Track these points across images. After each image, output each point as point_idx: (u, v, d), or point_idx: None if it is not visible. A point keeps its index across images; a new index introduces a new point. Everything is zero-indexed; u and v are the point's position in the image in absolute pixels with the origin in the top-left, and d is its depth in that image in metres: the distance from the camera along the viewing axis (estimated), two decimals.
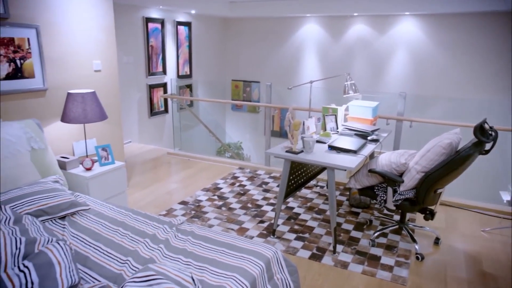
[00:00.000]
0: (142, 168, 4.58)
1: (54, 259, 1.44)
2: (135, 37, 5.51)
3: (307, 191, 3.90)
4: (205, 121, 6.38)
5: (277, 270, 1.83)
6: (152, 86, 5.90)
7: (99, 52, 3.32)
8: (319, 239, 2.95)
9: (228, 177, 4.28)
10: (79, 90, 2.95)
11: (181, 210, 3.40)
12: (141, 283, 1.36)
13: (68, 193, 2.28)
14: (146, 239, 1.86)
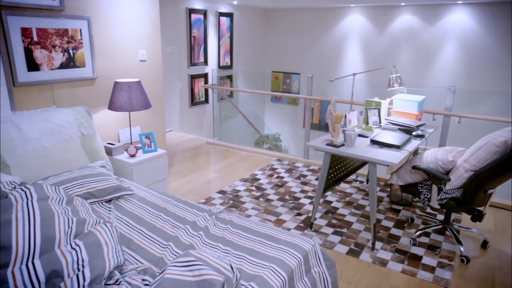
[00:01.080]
0: (182, 156, 4.70)
1: (102, 239, 1.51)
2: (178, 28, 5.61)
3: (346, 186, 3.83)
4: (245, 112, 6.42)
5: (315, 263, 1.82)
6: (194, 77, 6.01)
7: (145, 43, 3.41)
8: (357, 235, 2.89)
9: (266, 168, 4.29)
10: (125, 79, 3.06)
11: (219, 199, 3.46)
12: (182, 267, 1.40)
13: (114, 178, 2.38)
14: (187, 225, 1.91)
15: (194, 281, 1.35)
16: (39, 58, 2.65)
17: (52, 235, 1.48)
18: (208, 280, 1.33)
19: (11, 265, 1.32)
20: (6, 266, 1.31)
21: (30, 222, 1.52)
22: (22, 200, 1.67)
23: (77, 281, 1.26)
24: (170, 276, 1.36)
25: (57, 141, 2.47)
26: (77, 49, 2.88)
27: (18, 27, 2.50)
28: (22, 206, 1.60)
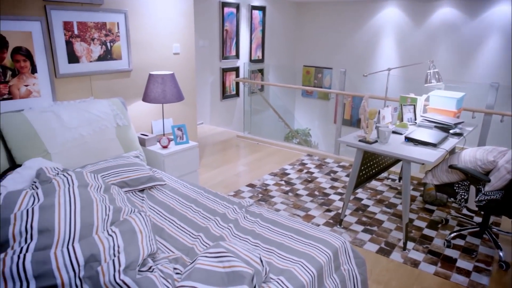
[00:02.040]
0: (212, 149, 4.75)
1: (136, 227, 1.56)
2: (211, 21, 5.65)
3: (378, 183, 3.75)
4: (275, 106, 6.40)
5: (345, 260, 1.80)
6: (225, 70, 6.04)
7: (178, 36, 3.46)
8: (388, 234, 2.82)
9: (296, 163, 4.26)
10: (159, 72, 3.12)
11: (248, 193, 3.48)
12: (212, 258, 1.42)
13: (147, 168, 2.44)
14: (217, 217, 1.93)
15: (224, 272, 1.36)
16: (79, 50, 2.75)
17: (90, 221, 1.54)
18: (238, 272, 1.35)
19: (53, 246, 1.38)
20: (49, 247, 1.38)
21: (71, 207, 1.59)
22: (64, 186, 1.75)
23: (113, 266, 1.31)
24: (201, 266, 1.38)
25: (94, 131, 2.56)
26: (114, 42, 2.96)
27: (60, 20, 2.60)
28: (64, 192, 1.68)
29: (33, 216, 1.49)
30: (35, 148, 2.27)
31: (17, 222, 1.45)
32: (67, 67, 2.70)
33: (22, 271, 1.22)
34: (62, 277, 1.26)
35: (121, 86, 3.08)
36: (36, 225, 1.45)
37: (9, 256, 1.28)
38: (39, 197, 1.67)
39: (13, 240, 1.38)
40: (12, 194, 1.65)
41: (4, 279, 1.20)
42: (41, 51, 2.54)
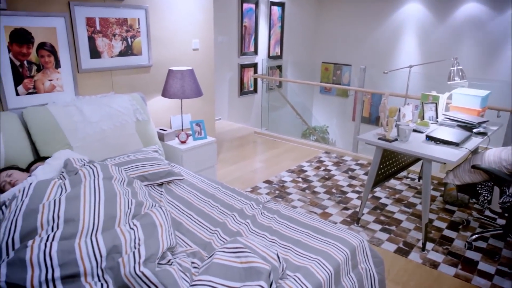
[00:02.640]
0: (229, 145, 4.77)
1: (157, 221, 1.58)
2: (230, 17, 5.65)
3: (396, 182, 3.69)
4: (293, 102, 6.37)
5: (362, 259, 1.78)
6: (243, 66, 6.04)
7: (198, 32, 3.47)
8: (406, 234, 2.78)
9: (314, 160, 4.24)
10: (178, 67, 3.14)
11: (265, 189, 3.48)
12: (230, 253, 1.43)
13: (165, 163, 2.46)
14: (234, 213, 1.94)
15: (241, 267, 1.37)
16: (100, 46, 2.79)
17: (113, 213, 1.58)
18: (255, 267, 1.35)
19: (78, 236, 1.42)
20: (74, 237, 1.41)
21: (96, 199, 1.63)
22: (90, 177, 1.79)
23: (133, 258, 1.33)
24: (218, 261, 1.39)
25: (115, 125, 2.60)
26: (134, 38, 2.99)
27: (83, 16, 2.65)
28: (89, 183, 1.72)
29: (60, 206, 1.53)
30: (58, 141, 2.33)
31: (45, 211, 1.50)
32: (89, 62, 2.75)
33: (48, 259, 1.26)
34: (85, 266, 1.30)
35: (141, 82, 3.12)
36: (63, 215, 1.49)
37: (36, 243, 1.32)
38: (66, 187, 1.72)
39: (41, 228, 1.43)
40: (41, 184, 1.71)
41: (32, 265, 1.23)
42: (65, 46, 2.59)
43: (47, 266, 1.24)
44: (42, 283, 1.20)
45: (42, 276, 1.21)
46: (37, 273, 1.22)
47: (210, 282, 1.31)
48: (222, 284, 1.31)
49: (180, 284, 1.29)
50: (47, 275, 1.22)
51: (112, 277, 1.31)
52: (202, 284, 1.30)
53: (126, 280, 1.29)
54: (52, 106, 2.45)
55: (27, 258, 1.25)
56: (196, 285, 1.30)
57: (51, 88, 2.59)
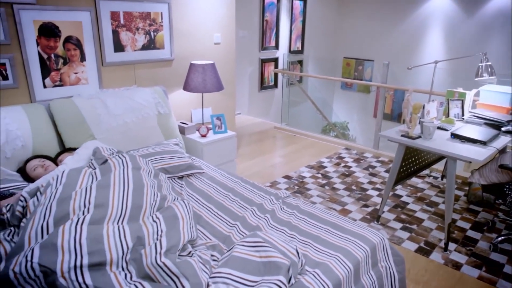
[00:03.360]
0: (249, 139, 4.77)
1: (179, 213, 1.61)
2: (252, 12, 5.63)
3: (419, 180, 3.61)
4: (313, 98, 6.31)
5: (382, 257, 1.75)
6: (264, 61, 6.02)
7: (220, 26, 3.48)
8: (428, 233, 2.72)
9: (334, 156, 4.20)
10: (200, 61, 3.16)
11: (284, 184, 3.47)
12: (250, 247, 1.43)
13: (186, 156, 2.49)
14: (253, 207, 1.94)
15: (260, 261, 1.37)
16: (124, 40, 2.84)
17: (140, 203, 1.62)
18: (274, 262, 1.35)
19: (106, 221, 1.47)
20: (102, 222, 1.46)
21: (125, 188, 1.68)
22: (119, 167, 1.84)
23: (155, 249, 1.36)
24: (238, 255, 1.40)
25: (137, 118, 2.64)
26: (157, 32, 3.02)
27: (108, 10, 2.69)
28: (119, 173, 1.77)
29: (91, 193, 1.59)
30: (82, 133, 2.38)
31: (77, 198, 1.56)
32: (113, 55, 2.80)
33: (78, 246, 1.30)
34: (112, 255, 1.33)
35: (163, 75, 3.15)
36: (93, 201, 1.55)
37: (67, 227, 1.37)
38: (96, 176, 1.77)
39: (73, 213, 1.48)
40: (73, 172, 1.77)
41: (62, 250, 1.28)
42: (90, 40, 2.64)
43: (76, 252, 1.28)
44: (71, 269, 1.24)
45: (71, 262, 1.25)
46: (67, 258, 1.26)
47: (229, 275, 1.32)
48: (241, 277, 1.32)
49: (200, 275, 1.30)
50: (76, 261, 1.26)
51: (135, 267, 1.34)
52: (221, 277, 1.31)
53: (148, 270, 1.31)
54: (77, 98, 2.50)
55: (58, 243, 1.30)
56: (216, 277, 1.32)
57: (76, 81, 2.65)
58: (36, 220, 1.45)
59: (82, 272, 1.25)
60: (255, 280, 1.31)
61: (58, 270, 1.23)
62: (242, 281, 1.31)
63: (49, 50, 2.47)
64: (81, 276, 1.24)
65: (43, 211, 1.49)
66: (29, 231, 1.40)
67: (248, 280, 1.31)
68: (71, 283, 1.22)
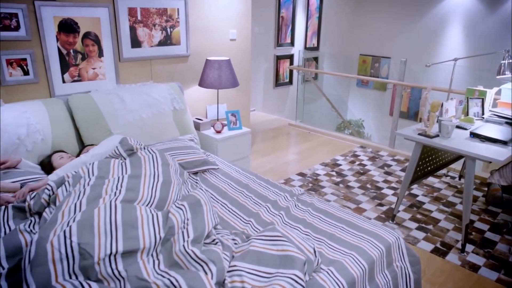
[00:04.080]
0: (263, 136, 4.77)
1: (202, 200, 1.65)
2: (267, 8, 5.60)
3: (435, 180, 3.55)
4: (328, 95, 6.25)
5: (397, 257, 1.73)
6: (279, 57, 6.00)
7: (235, 22, 3.47)
8: (444, 234, 2.68)
9: (348, 154, 4.16)
10: (216, 57, 3.16)
11: (298, 181, 3.46)
12: (267, 241, 1.44)
13: (201, 152, 2.50)
14: (268, 204, 1.94)
15: (276, 254, 1.38)
16: (141, 35, 2.86)
17: (166, 197, 1.67)
18: (290, 256, 1.35)
19: (137, 202, 1.54)
20: (134, 201, 1.54)
21: (154, 181, 1.73)
22: (149, 162, 1.89)
23: (182, 237, 1.40)
24: (255, 249, 1.42)
25: (153, 114, 2.67)
26: (174, 28, 3.04)
27: (126, 7, 2.72)
28: (150, 167, 1.83)
29: (123, 181, 1.66)
30: (99, 128, 2.42)
31: (110, 183, 1.62)
32: (130, 51, 2.83)
33: (114, 229, 1.35)
34: (145, 243, 1.36)
35: (178, 71, 3.17)
36: (125, 185, 1.63)
37: (102, 206, 1.42)
38: (127, 167, 1.82)
39: (105, 193, 1.55)
40: (104, 161, 1.83)
41: (99, 233, 1.31)
42: (108, 36, 2.68)
43: (112, 235, 1.32)
44: (106, 256, 1.27)
45: (107, 248, 1.28)
46: (103, 241, 1.30)
47: (245, 268, 1.34)
48: (257, 269, 1.34)
49: (224, 264, 1.35)
50: (111, 247, 1.29)
51: (165, 255, 1.37)
52: (236, 270, 1.33)
53: (176, 258, 1.35)
54: (95, 93, 2.54)
55: (95, 223, 1.34)
56: (231, 271, 1.33)
57: (94, 76, 2.69)
58: (71, 200, 1.52)
59: (115, 258, 1.28)
60: (270, 272, 1.33)
61: (95, 255, 1.25)
62: (257, 273, 1.33)
63: (68, 45, 2.51)
64: (114, 263, 1.27)
65: (77, 193, 1.56)
66: (63, 209, 1.46)
67: (263, 272, 1.33)
68: (104, 269, 1.25)
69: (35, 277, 1.20)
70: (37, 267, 1.21)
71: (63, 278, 1.22)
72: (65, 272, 1.23)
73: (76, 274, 1.24)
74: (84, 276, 1.24)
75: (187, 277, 1.24)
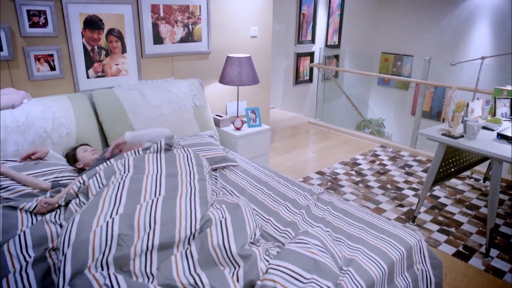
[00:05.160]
0: (282, 134, 4.75)
1: (240, 203, 1.64)
2: (289, 5, 5.57)
3: (458, 182, 3.46)
4: (349, 93, 6.17)
5: (418, 260, 1.70)
6: (300, 55, 5.96)
7: (257, 19, 3.47)
8: (467, 237, 2.61)
9: (368, 154, 4.10)
10: (236, 54, 3.17)
11: (317, 180, 3.43)
12: (301, 244, 1.45)
13: (221, 148, 2.51)
14: (287, 202, 1.93)
15: (312, 258, 1.38)
16: (163, 32, 2.89)
17: (205, 195, 1.69)
18: (325, 264, 1.36)
19: (178, 197, 1.59)
20: (173, 198, 1.58)
21: (191, 179, 1.77)
22: (184, 160, 1.92)
23: (221, 232, 1.43)
24: (290, 248, 1.44)
25: (174, 110, 2.69)
26: (195, 25, 3.06)
27: (149, 4, 2.75)
28: (185, 165, 1.88)
29: (161, 177, 1.72)
30: (121, 122, 2.46)
31: (148, 180, 1.69)
32: (152, 48, 2.86)
33: (153, 225, 1.40)
34: (181, 236, 1.40)
35: (199, 67, 3.19)
36: (164, 183, 1.69)
37: (144, 205, 1.47)
38: (161, 163, 1.86)
39: (144, 190, 1.61)
40: (139, 157, 1.89)
41: (138, 226, 1.38)
42: (131, 32, 2.71)
43: (151, 227, 1.37)
44: (142, 252, 1.31)
45: (144, 243, 1.33)
46: (142, 235, 1.35)
47: (279, 266, 1.33)
48: (291, 269, 1.32)
49: (259, 264, 1.35)
50: (148, 242, 1.34)
51: (198, 245, 1.39)
52: (274, 268, 1.33)
53: (212, 250, 1.36)
54: (118, 89, 2.59)
55: (135, 218, 1.40)
56: (270, 268, 1.34)
57: (117, 72, 2.73)
58: (110, 190, 1.57)
59: (151, 254, 1.32)
60: (305, 276, 1.31)
61: (132, 247, 1.31)
62: (290, 272, 1.32)
63: (93, 42, 2.56)
64: (150, 260, 1.32)
65: (115, 185, 1.60)
66: (103, 197, 1.52)
67: (297, 273, 1.31)
68: (139, 264, 1.29)
69: (73, 262, 1.23)
70: (75, 253, 1.26)
71: (95, 268, 1.25)
72: (98, 262, 1.27)
73: (108, 265, 1.27)
74: (115, 267, 1.28)
75: (211, 277, 1.26)
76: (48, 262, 1.39)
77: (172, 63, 3.01)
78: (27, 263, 1.36)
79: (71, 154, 2.15)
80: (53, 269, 1.37)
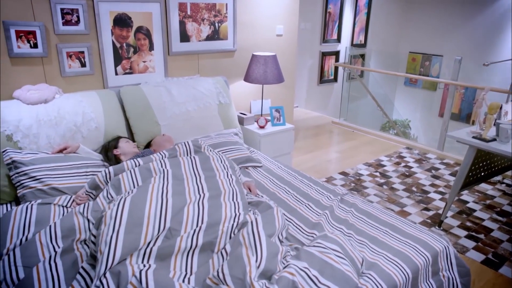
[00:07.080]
0: (306, 133, 4.72)
1: (274, 208, 1.66)
2: (315, 3, 5.52)
3: (488, 187, 3.34)
4: (374, 93, 6.06)
5: (445, 266, 1.65)
6: (325, 54, 5.90)
7: (282, 18, 3.45)
8: (498, 245, 2.52)
9: (393, 155, 4.02)
10: (262, 53, 3.16)
11: (340, 180, 3.39)
12: (319, 247, 1.43)
13: (245, 148, 2.52)
14: (310, 202, 1.92)
15: (330, 263, 1.37)
16: (190, 30, 2.92)
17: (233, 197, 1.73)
18: (343, 273, 1.34)
19: (221, 196, 1.66)
20: (218, 197, 1.65)
21: (229, 180, 1.81)
22: (218, 162, 1.96)
23: (250, 223, 1.47)
24: (309, 250, 1.43)
25: (199, 107, 2.72)
26: (222, 23, 3.07)
27: (176, 2, 2.78)
28: (220, 167, 1.92)
29: (201, 178, 1.79)
30: (148, 119, 2.50)
31: (189, 180, 1.76)
32: (178, 45, 2.90)
33: (200, 220, 1.49)
34: (222, 237, 1.44)
35: (224, 65, 3.21)
36: (205, 184, 1.75)
37: (191, 207, 1.55)
38: (196, 164, 1.91)
39: (187, 191, 1.69)
40: (173, 160, 1.94)
41: (186, 224, 1.46)
42: (158, 30, 2.76)
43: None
44: (185, 250, 1.38)
45: (188, 242, 1.39)
46: (189, 229, 1.43)
47: (304, 267, 1.32)
48: (311, 272, 1.31)
49: (279, 258, 1.36)
50: (192, 240, 1.40)
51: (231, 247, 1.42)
52: (292, 266, 1.32)
53: (241, 238, 1.39)
54: (145, 86, 2.63)
55: (183, 218, 1.48)
56: (288, 265, 1.33)
57: (144, 69, 2.78)
58: (156, 184, 1.67)
59: (193, 254, 1.40)
60: (320, 280, 1.29)
61: (178, 240, 1.39)
62: (310, 274, 1.30)
63: (121, 39, 2.61)
64: (191, 257, 1.40)
65: (160, 182, 1.69)
66: (150, 192, 1.59)
67: (315, 276, 1.30)
68: (180, 260, 1.38)
69: (125, 243, 1.30)
70: (128, 234, 1.33)
71: (137, 256, 1.30)
72: (143, 250, 1.33)
73: (151, 253, 1.33)
74: (156, 258, 1.33)
75: (230, 264, 1.28)
76: (76, 254, 1.43)
77: (198, 61, 3.04)
78: (56, 253, 1.41)
79: (113, 144, 2.24)
80: (80, 260, 1.41)
